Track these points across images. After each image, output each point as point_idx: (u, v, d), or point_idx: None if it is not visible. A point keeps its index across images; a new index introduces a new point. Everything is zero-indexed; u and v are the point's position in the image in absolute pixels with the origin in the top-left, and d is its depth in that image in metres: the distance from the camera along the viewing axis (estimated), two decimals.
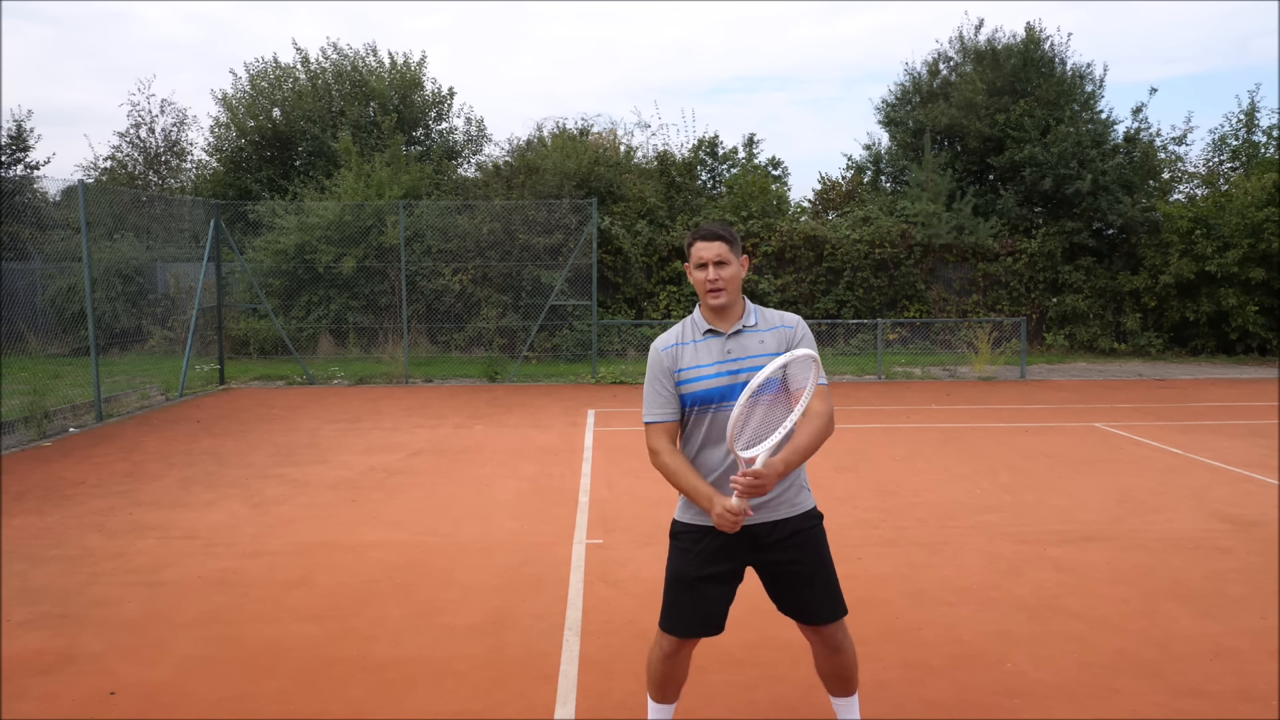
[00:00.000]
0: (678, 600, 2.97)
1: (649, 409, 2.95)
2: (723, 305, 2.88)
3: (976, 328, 15.82)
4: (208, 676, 3.85)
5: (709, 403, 2.86)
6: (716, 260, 2.84)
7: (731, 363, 2.85)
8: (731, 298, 2.88)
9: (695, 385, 2.87)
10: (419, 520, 6.25)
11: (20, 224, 16.60)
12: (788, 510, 2.93)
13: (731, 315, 2.92)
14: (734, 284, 2.87)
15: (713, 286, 2.85)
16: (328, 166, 19.24)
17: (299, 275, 16.76)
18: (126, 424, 10.37)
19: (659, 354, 2.94)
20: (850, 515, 6.33)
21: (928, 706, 3.57)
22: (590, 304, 15.05)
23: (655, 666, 3.07)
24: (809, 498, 3.02)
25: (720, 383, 2.84)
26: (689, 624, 2.96)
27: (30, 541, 5.77)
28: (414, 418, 10.68)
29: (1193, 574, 5.07)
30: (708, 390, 2.85)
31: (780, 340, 2.88)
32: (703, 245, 2.86)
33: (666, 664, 3.05)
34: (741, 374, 2.82)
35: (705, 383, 2.86)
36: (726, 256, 2.85)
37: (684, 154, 19.87)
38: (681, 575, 2.96)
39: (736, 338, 2.89)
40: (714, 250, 2.84)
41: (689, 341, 2.93)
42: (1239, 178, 17.97)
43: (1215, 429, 9.63)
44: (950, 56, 20.92)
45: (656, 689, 3.12)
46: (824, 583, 2.95)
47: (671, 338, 2.97)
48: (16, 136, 21.53)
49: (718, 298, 2.86)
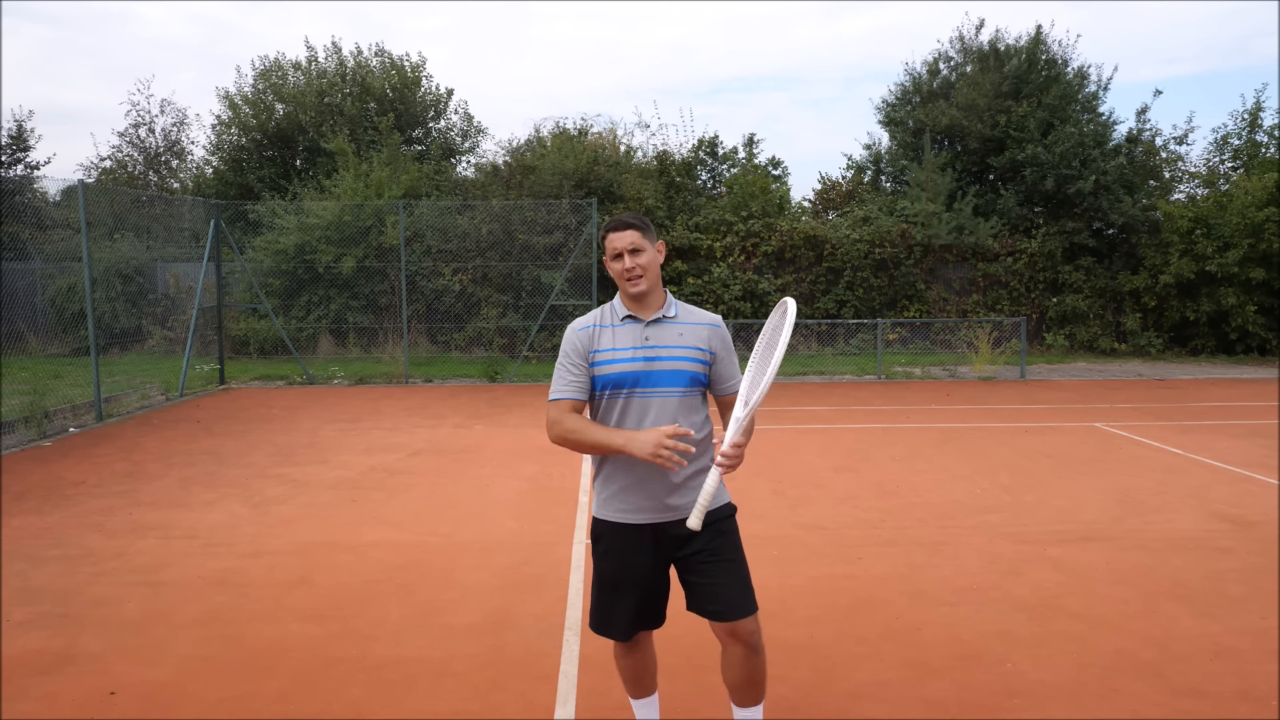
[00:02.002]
0: (611, 603, 2.96)
1: (555, 387, 2.94)
2: (642, 292, 2.88)
3: (976, 328, 15.83)
4: (208, 676, 3.85)
5: (621, 386, 2.85)
6: (631, 249, 2.85)
7: (648, 349, 2.86)
8: (650, 284, 2.88)
9: (610, 368, 2.86)
10: (419, 520, 6.25)
11: (20, 224, 16.60)
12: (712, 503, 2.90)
13: (651, 303, 2.92)
14: (651, 270, 2.88)
15: (630, 275, 2.86)
16: (328, 166, 19.25)
17: (299, 275, 16.76)
18: (126, 424, 10.37)
19: (575, 334, 2.93)
20: (850, 515, 6.33)
21: (928, 706, 3.57)
22: (590, 304, 15.04)
23: (621, 665, 3.14)
24: (725, 492, 3.00)
25: (635, 368, 2.84)
26: (626, 625, 2.96)
27: (30, 541, 5.77)
28: (414, 418, 10.68)
29: (1193, 574, 5.07)
30: (621, 374, 2.85)
31: (701, 338, 2.90)
32: (615, 235, 2.87)
33: (629, 660, 3.09)
34: (657, 361, 2.84)
35: (620, 365, 2.85)
36: (640, 244, 2.86)
37: (684, 154, 19.88)
38: (606, 578, 2.96)
39: (655, 326, 2.90)
40: (627, 239, 2.85)
41: (607, 325, 2.93)
42: (1240, 178, 17.96)
43: (1215, 429, 9.63)
44: (951, 56, 20.93)
45: (631, 686, 3.17)
46: (739, 575, 2.90)
47: (590, 320, 2.97)
48: (17, 136, 21.54)
49: (637, 285, 2.86)
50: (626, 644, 3.05)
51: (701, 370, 2.89)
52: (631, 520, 2.89)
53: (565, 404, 2.90)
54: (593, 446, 2.81)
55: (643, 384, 2.83)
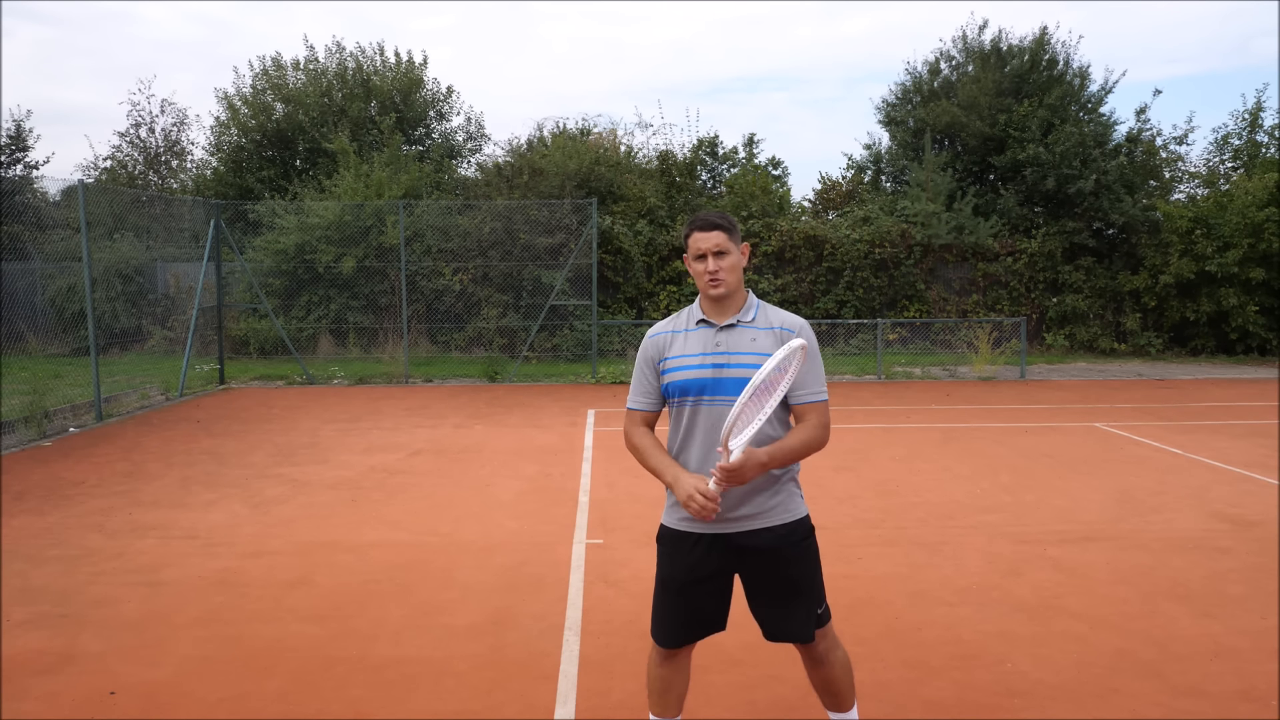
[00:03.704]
0: (665, 607, 2.90)
1: (631, 395, 2.93)
2: (722, 296, 2.78)
3: (976, 328, 15.82)
4: (208, 676, 3.85)
5: (687, 394, 2.77)
6: (715, 250, 2.74)
7: (718, 355, 2.75)
8: (731, 288, 2.78)
9: (677, 375, 2.79)
10: (419, 520, 6.25)
11: (20, 224, 16.60)
12: (775, 518, 2.80)
13: (729, 308, 2.81)
14: (734, 274, 2.77)
15: (712, 278, 2.75)
16: (328, 166, 19.25)
17: (299, 275, 16.76)
18: (126, 424, 10.37)
19: (648, 340, 2.89)
20: (850, 515, 6.32)
21: (928, 706, 3.57)
22: (590, 304, 15.05)
23: (653, 675, 2.99)
24: (801, 505, 2.87)
25: (703, 375, 2.75)
26: (676, 631, 2.88)
27: (30, 541, 5.77)
28: (414, 418, 10.68)
29: (1193, 574, 5.07)
30: (687, 381, 2.76)
31: (775, 341, 2.75)
32: (701, 235, 2.76)
33: (663, 670, 2.95)
34: (727, 369, 2.72)
35: (687, 373, 2.77)
36: (726, 246, 2.75)
37: (684, 154, 19.88)
38: (668, 582, 2.88)
39: (728, 331, 2.79)
40: (713, 240, 2.74)
41: (681, 330, 2.85)
42: (1240, 178, 17.96)
43: (1215, 429, 9.62)
44: (953, 56, 20.92)
45: (656, 701, 2.99)
46: (806, 598, 2.84)
47: (665, 325, 2.91)
48: (16, 136, 21.53)
49: (717, 288, 2.76)
50: (664, 653, 2.93)
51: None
52: (691, 529, 2.81)
53: (636, 415, 2.89)
54: (650, 470, 2.81)
55: (710, 392, 2.72)
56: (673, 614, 2.87)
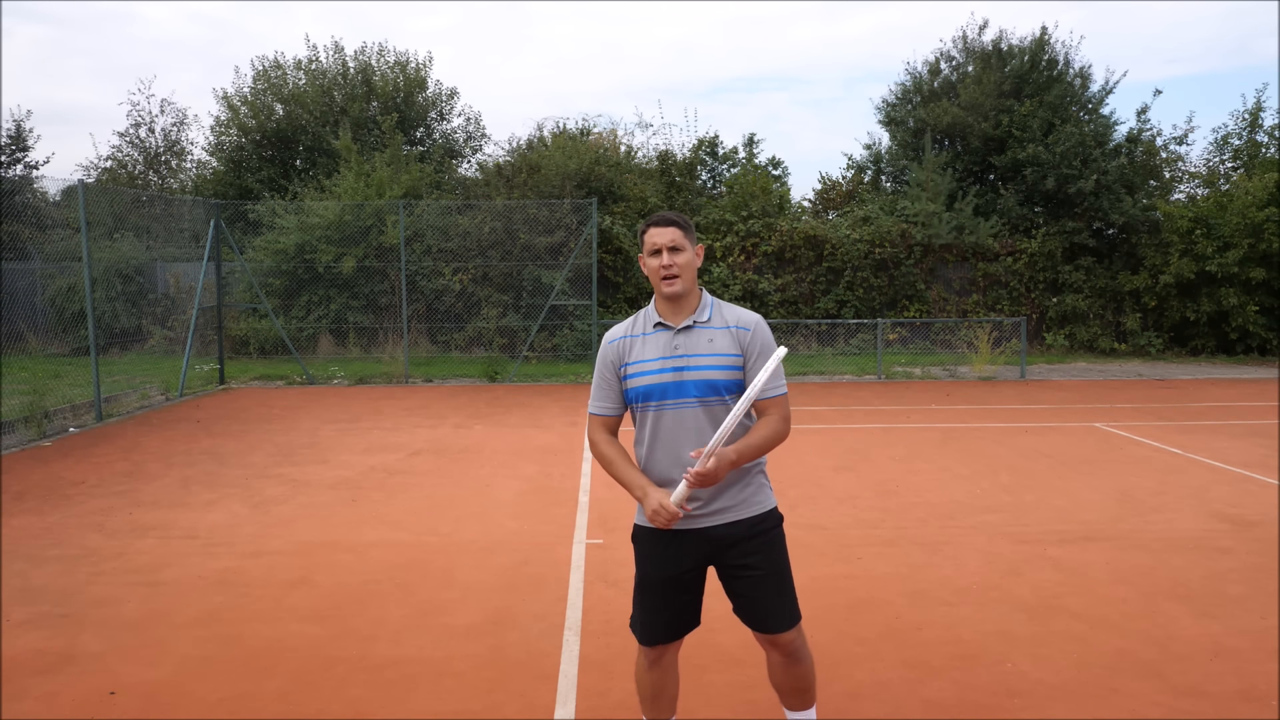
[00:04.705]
0: (644, 605, 2.92)
1: (592, 400, 2.94)
2: (677, 294, 2.78)
3: (976, 328, 15.82)
4: (208, 676, 3.85)
5: (650, 399, 2.78)
6: (670, 246, 2.77)
7: (677, 359, 2.76)
8: (686, 286, 2.79)
9: (638, 380, 2.79)
10: (419, 520, 6.25)
11: (20, 224, 16.61)
12: (747, 510, 2.83)
13: (685, 308, 2.82)
14: (689, 272, 2.79)
15: (667, 273, 2.76)
16: (328, 166, 19.25)
17: (299, 275, 16.76)
18: (126, 424, 10.37)
19: (607, 345, 2.89)
20: (850, 515, 6.32)
21: (928, 706, 3.57)
22: (590, 304, 15.04)
23: (642, 681, 3.00)
24: (769, 497, 2.91)
25: (664, 379, 2.76)
26: (656, 629, 2.90)
27: (30, 541, 5.77)
28: (414, 418, 10.68)
29: (1193, 574, 5.07)
30: (649, 386, 2.78)
31: (732, 341, 2.78)
32: (656, 231, 2.79)
33: (652, 675, 2.96)
34: (687, 371, 2.74)
35: (648, 378, 2.78)
36: (681, 243, 2.78)
37: (684, 154, 19.88)
38: (644, 580, 2.91)
39: (686, 333, 2.80)
40: (668, 236, 2.77)
41: (638, 335, 2.86)
42: (1240, 177, 17.97)
43: (1215, 429, 9.62)
44: (953, 56, 20.92)
45: (649, 706, 3.00)
46: (779, 588, 2.86)
47: (622, 330, 2.91)
48: (16, 136, 21.54)
49: (672, 285, 2.77)
50: (651, 656, 2.94)
51: (736, 377, 2.76)
52: None
53: (599, 421, 2.91)
54: (619, 482, 2.84)
55: (672, 396, 2.74)
56: (653, 612, 2.90)
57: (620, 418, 2.92)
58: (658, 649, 2.93)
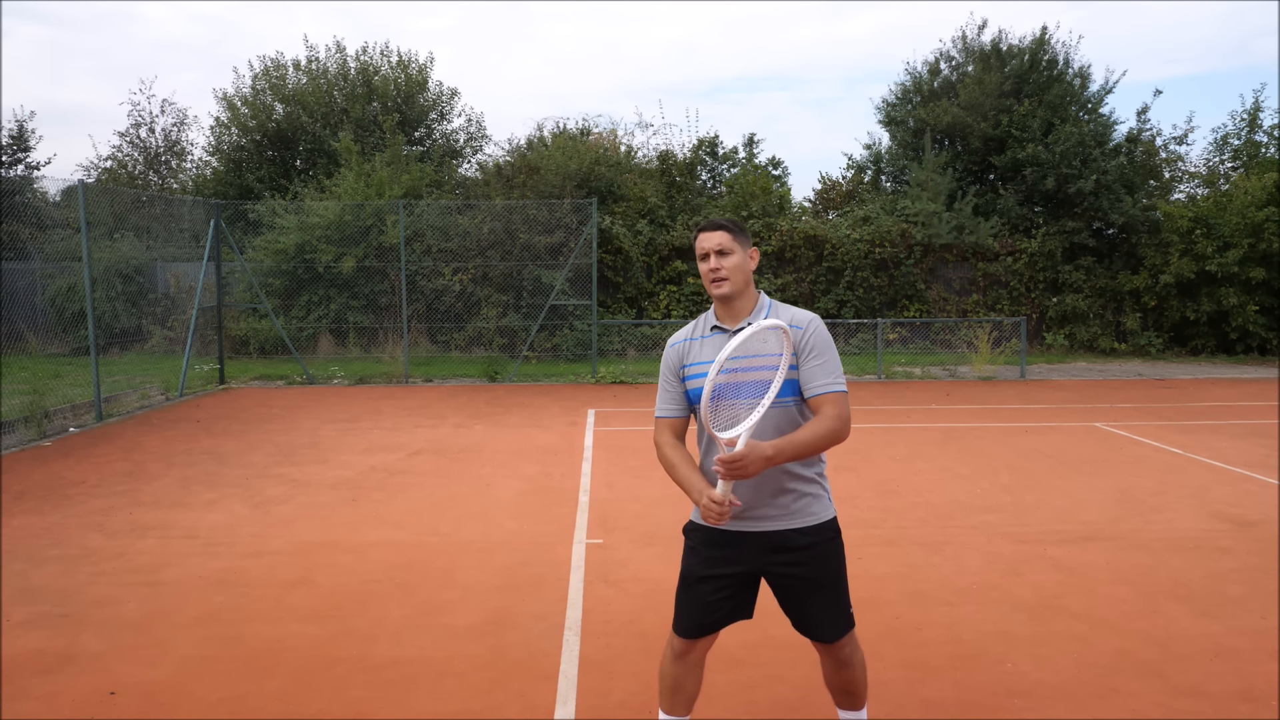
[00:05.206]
0: (682, 598, 2.96)
1: (658, 404, 3.00)
2: (727, 295, 2.82)
3: (976, 328, 15.82)
4: (208, 676, 3.85)
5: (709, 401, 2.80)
6: (718, 249, 2.81)
7: (733, 360, 2.74)
8: (736, 288, 2.82)
9: (697, 382, 2.83)
10: (419, 520, 6.25)
11: (20, 224, 16.60)
12: (800, 519, 2.83)
13: (740, 310, 2.86)
14: (738, 274, 2.81)
15: (715, 276, 2.81)
16: (328, 166, 19.24)
17: (299, 275, 16.77)
18: (126, 424, 10.37)
19: (669, 349, 2.96)
20: (850, 515, 6.32)
21: (928, 706, 3.57)
22: (590, 304, 15.04)
23: (665, 671, 3.01)
24: (828, 508, 2.90)
25: (720, 380, 2.74)
26: (690, 624, 2.92)
27: (30, 541, 5.77)
28: (414, 418, 10.68)
29: (1193, 574, 5.07)
30: None
31: (785, 342, 2.77)
32: (705, 235, 2.85)
33: (676, 668, 2.97)
34: (740, 373, 2.74)
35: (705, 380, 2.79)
36: (729, 246, 2.81)
37: (685, 154, 19.88)
38: (687, 574, 2.95)
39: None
40: (715, 240, 2.82)
41: (698, 338, 2.92)
42: (1240, 177, 17.97)
43: (1215, 429, 9.62)
44: (953, 56, 20.92)
45: (667, 697, 3.01)
46: (832, 600, 2.88)
47: (683, 334, 2.97)
48: (17, 136, 21.55)
49: (720, 287, 2.81)
50: (678, 648, 2.95)
51: (790, 377, 2.75)
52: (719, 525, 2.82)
53: (664, 424, 2.94)
54: (679, 484, 2.85)
55: (728, 397, 2.73)
56: (689, 605, 2.93)
57: (685, 420, 2.96)
58: (686, 642, 2.95)
